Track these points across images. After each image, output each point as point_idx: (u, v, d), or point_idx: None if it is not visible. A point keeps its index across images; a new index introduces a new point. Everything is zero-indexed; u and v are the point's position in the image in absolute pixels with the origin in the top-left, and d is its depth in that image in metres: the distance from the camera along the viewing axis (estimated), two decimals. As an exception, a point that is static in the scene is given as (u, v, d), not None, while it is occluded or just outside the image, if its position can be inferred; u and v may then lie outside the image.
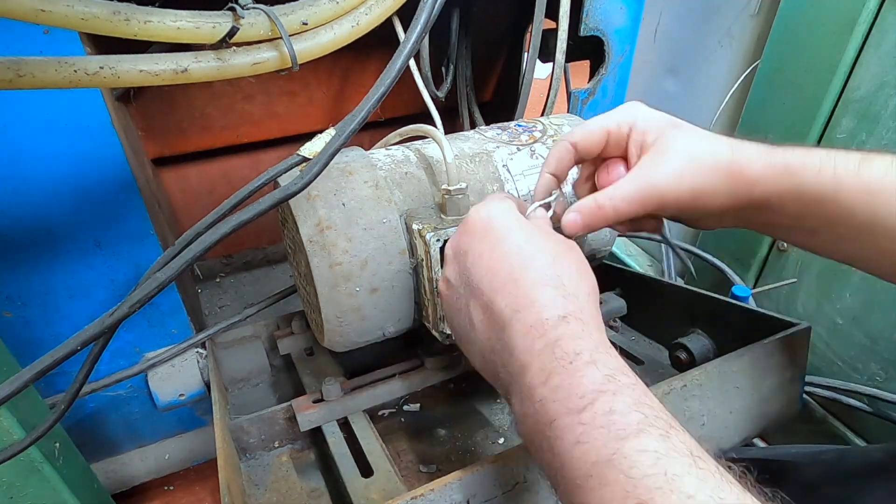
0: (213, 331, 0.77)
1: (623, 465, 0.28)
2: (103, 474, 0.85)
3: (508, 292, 0.38)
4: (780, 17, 0.90)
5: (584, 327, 0.35)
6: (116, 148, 0.64)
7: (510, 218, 0.42)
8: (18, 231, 0.63)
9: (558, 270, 0.38)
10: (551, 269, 0.38)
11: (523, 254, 0.39)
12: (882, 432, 0.85)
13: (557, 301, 0.36)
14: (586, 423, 0.30)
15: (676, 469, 0.28)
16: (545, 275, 0.38)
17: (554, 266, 0.38)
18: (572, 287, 0.38)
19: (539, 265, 0.38)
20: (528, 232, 0.41)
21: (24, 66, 0.44)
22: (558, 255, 0.39)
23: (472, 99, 1.05)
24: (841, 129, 0.84)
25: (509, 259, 0.39)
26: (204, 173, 1.06)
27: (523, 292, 0.37)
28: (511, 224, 0.42)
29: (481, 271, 0.40)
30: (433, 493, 0.45)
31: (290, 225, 0.61)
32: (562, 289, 0.37)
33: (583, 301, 0.37)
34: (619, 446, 0.29)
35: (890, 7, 0.75)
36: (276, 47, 0.53)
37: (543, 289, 0.37)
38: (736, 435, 0.60)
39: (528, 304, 0.37)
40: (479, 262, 0.41)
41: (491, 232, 0.41)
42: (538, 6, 0.80)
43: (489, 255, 0.40)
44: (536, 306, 0.36)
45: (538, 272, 0.38)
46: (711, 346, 0.70)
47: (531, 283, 0.37)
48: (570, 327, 0.35)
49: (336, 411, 0.64)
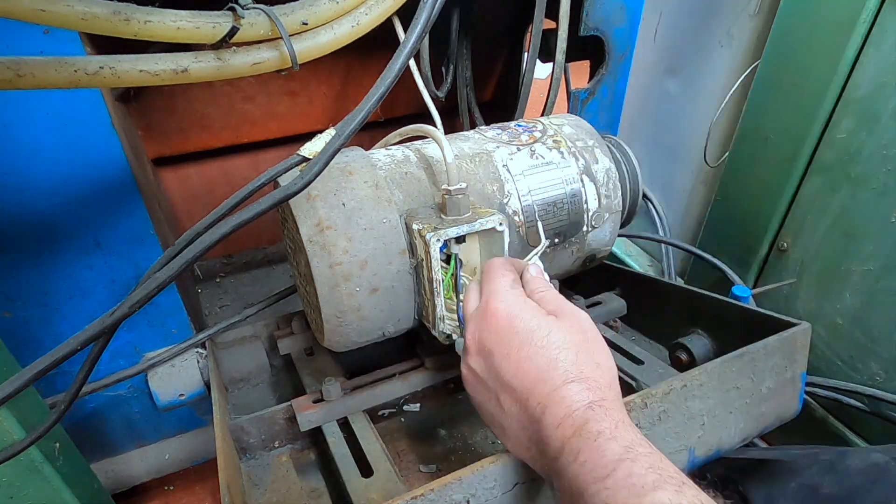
0: (213, 331, 0.77)
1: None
2: (103, 474, 0.85)
3: (539, 392, 0.42)
4: (780, 17, 0.90)
5: (605, 412, 0.40)
6: (116, 148, 0.64)
7: (529, 315, 0.45)
8: (18, 231, 0.63)
9: (581, 366, 0.43)
10: (575, 367, 0.43)
11: (550, 353, 0.43)
12: (882, 432, 0.85)
13: (583, 394, 0.41)
14: (610, 488, 0.35)
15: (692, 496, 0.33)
16: (570, 372, 0.42)
17: (577, 363, 0.43)
18: (594, 378, 0.42)
19: (564, 364, 0.43)
20: (547, 328, 0.45)
21: (24, 66, 0.44)
22: (579, 350, 0.44)
23: (472, 99, 1.05)
24: (841, 129, 0.84)
25: (536, 360, 0.43)
26: (204, 173, 1.06)
27: (552, 391, 0.42)
28: (531, 323, 0.45)
29: (511, 370, 0.44)
30: (433, 493, 0.45)
31: (290, 225, 0.61)
32: (585, 382, 0.42)
33: (604, 389, 0.42)
34: (640, 501, 0.34)
35: (890, 7, 0.75)
36: (276, 47, 0.53)
37: (570, 385, 0.42)
38: (736, 435, 0.60)
39: (559, 401, 0.41)
40: (507, 363, 0.45)
41: (514, 334, 0.45)
42: (538, 6, 0.80)
43: (517, 357, 0.44)
44: (566, 402, 0.41)
45: (564, 370, 0.42)
46: (711, 346, 0.70)
47: (560, 383, 0.42)
48: (594, 413, 0.40)
49: (336, 411, 0.64)
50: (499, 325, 0.46)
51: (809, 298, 0.94)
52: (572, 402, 0.41)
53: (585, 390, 0.41)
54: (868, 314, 0.85)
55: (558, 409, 0.41)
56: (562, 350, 0.43)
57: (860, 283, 0.85)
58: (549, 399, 0.41)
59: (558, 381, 0.42)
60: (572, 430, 0.39)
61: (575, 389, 0.41)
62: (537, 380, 0.43)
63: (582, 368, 0.43)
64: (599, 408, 0.40)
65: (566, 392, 0.41)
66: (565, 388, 0.41)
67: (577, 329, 0.45)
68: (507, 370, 0.44)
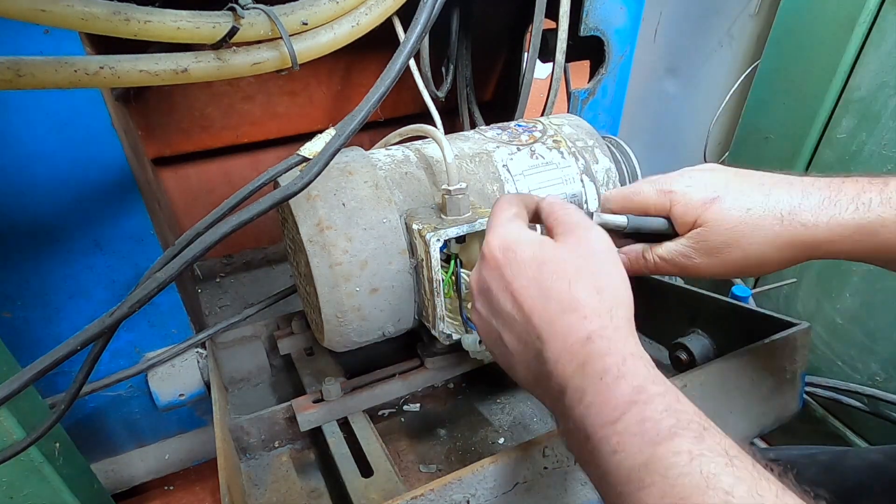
0: (213, 331, 0.77)
1: (659, 467, 0.30)
2: (103, 474, 0.85)
3: (535, 324, 0.39)
4: (780, 17, 0.90)
5: (609, 343, 0.36)
6: (116, 148, 0.64)
7: (525, 245, 0.42)
8: (19, 231, 0.63)
9: (575, 293, 0.39)
10: (568, 294, 0.39)
11: (542, 283, 0.40)
12: (882, 432, 0.85)
13: (578, 324, 0.37)
14: (621, 433, 0.32)
15: (712, 468, 0.29)
16: (563, 301, 0.38)
17: (570, 290, 0.39)
18: (592, 305, 0.38)
19: (556, 294, 0.39)
20: (540, 259, 0.41)
21: (24, 66, 0.44)
22: (573, 277, 0.39)
23: (472, 99, 1.05)
24: (841, 129, 0.84)
25: (530, 292, 0.40)
26: (204, 173, 1.06)
27: (547, 324, 0.38)
28: (526, 252, 0.41)
29: (508, 305, 0.41)
30: (433, 493, 0.45)
31: (290, 225, 0.61)
32: (580, 311, 0.38)
33: (605, 317, 0.38)
34: (654, 450, 0.31)
35: (890, 7, 0.75)
36: (276, 47, 0.53)
37: (563, 316, 0.38)
38: (736, 435, 0.59)
39: (554, 335, 0.38)
40: (504, 297, 0.41)
41: (508, 266, 0.42)
42: (538, 6, 0.80)
43: (513, 290, 0.41)
44: (561, 335, 0.37)
45: (557, 301, 0.39)
46: (711, 346, 0.70)
47: (553, 314, 0.38)
48: (596, 346, 0.36)
49: (336, 411, 0.64)
50: (495, 260, 0.42)
51: (809, 298, 0.94)
52: (567, 333, 0.37)
53: (581, 319, 0.37)
54: (868, 314, 0.85)
55: (554, 343, 0.37)
56: (556, 278, 0.39)
57: (860, 283, 0.85)
58: (546, 332, 0.38)
59: (553, 312, 0.38)
60: (573, 366, 0.36)
61: (569, 321, 0.37)
62: (532, 312, 0.39)
63: (577, 296, 0.38)
64: (600, 338, 0.36)
65: (561, 324, 0.38)
66: (560, 319, 0.38)
67: (579, 252, 0.41)
68: (505, 305, 0.41)
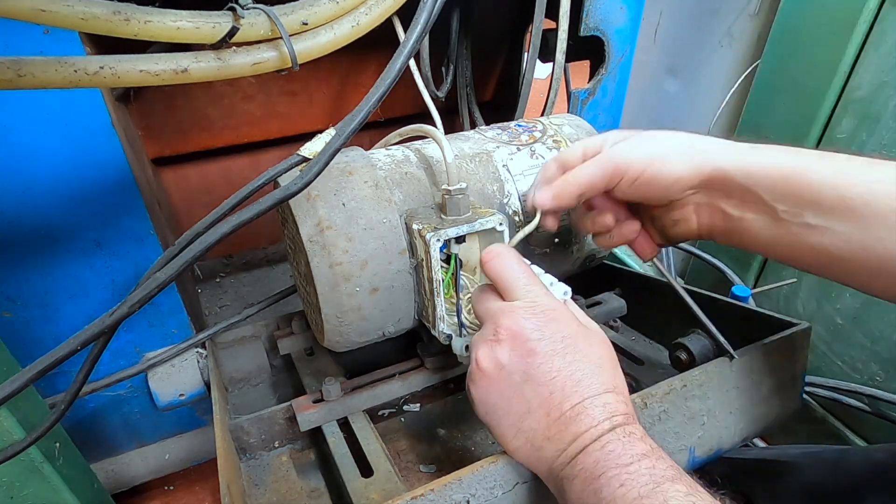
0: (213, 331, 0.77)
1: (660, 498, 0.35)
2: (103, 474, 0.85)
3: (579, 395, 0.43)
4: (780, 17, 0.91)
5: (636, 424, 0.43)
6: (116, 148, 0.64)
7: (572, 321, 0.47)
8: (18, 231, 0.63)
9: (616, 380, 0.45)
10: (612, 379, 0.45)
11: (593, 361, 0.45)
12: (882, 432, 0.85)
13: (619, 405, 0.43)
14: (632, 473, 0.37)
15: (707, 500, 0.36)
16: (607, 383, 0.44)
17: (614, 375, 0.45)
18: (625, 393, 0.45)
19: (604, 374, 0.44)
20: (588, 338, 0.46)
21: (24, 66, 0.44)
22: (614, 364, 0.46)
23: (472, 99, 1.05)
24: (841, 129, 0.85)
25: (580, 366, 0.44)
26: (204, 173, 1.06)
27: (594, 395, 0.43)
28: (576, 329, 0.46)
29: (553, 371, 0.44)
30: (433, 493, 0.45)
31: (290, 225, 0.61)
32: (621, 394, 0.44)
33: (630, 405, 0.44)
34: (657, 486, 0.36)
35: (890, 7, 0.75)
36: (276, 47, 0.53)
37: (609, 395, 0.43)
38: (736, 435, 0.60)
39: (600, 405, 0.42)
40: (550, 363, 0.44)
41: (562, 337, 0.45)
42: (538, 6, 0.80)
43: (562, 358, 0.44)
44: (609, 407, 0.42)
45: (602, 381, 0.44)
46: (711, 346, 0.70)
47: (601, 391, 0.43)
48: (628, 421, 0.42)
49: (336, 411, 0.64)
50: (547, 323, 0.45)
51: (809, 298, 0.94)
52: (614, 408, 0.42)
53: (622, 402, 0.43)
54: (868, 314, 0.85)
55: (597, 411, 0.42)
56: (603, 360, 0.45)
57: (860, 283, 0.85)
58: (590, 403, 0.42)
59: (600, 389, 0.43)
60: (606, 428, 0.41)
61: (613, 399, 0.43)
62: (580, 384, 0.43)
63: (617, 383, 0.45)
64: (633, 418, 0.43)
65: (607, 399, 0.43)
66: (606, 395, 0.43)
67: (606, 343, 0.47)
68: (549, 370, 0.44)
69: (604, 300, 0.81)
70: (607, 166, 0.51)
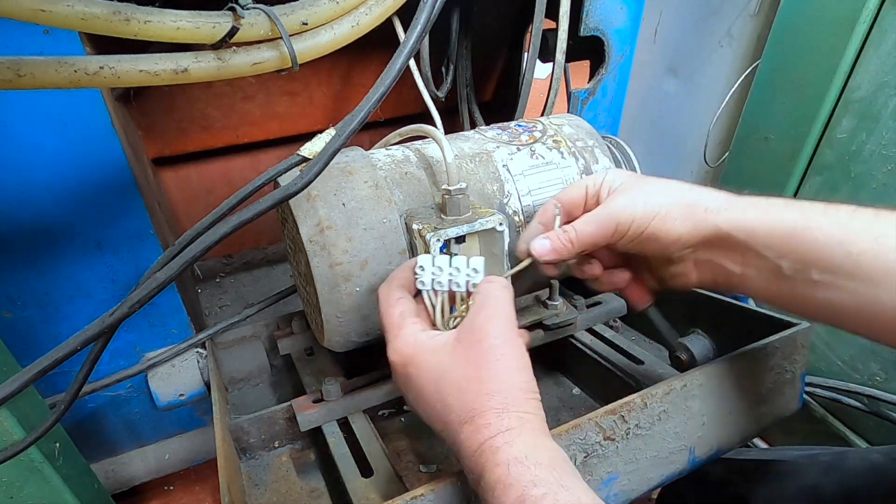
0: (213, 331, 0.77)
1: None
2: (103, 474, 0.85)
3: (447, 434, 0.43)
4: (780, 17, 0.91)
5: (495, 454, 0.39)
6: (116, 148, 0.64)
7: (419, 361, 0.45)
8: (19, 231, 0.63)
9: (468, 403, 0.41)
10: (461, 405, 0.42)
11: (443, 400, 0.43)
12: (882, 433, 0.85)
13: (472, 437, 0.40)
14: None
15: None
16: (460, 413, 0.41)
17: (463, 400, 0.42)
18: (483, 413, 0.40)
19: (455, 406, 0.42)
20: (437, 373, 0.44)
21: (24, 66, 0.44)
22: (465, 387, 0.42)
23: (472, 99, 1.05)
24: (841, 129, 0.85)
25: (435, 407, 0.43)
26: (204, 173, 1.06)
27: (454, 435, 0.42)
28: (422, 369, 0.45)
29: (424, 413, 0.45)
30: (433, 493, 0.45)
31: (290, 225, 0.61)
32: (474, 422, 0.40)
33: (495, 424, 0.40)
34: None
35: (890, 7, 0.75)
36: (276, 47, 0.53)
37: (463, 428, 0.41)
38: (736, 435, 0.60)
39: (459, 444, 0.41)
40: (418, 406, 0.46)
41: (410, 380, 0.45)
42: (538, 6, 0.80)
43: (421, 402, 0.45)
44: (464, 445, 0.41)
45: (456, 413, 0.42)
46: (711, 346, 0.70)
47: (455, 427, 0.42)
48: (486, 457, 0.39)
49: (336, 411, 0.64)
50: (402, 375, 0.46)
51: (809, 298, 0.94)
52: (467, 445, 0.40)
53: (474, 432, 0.40)
54: (868, 314, 0.85)
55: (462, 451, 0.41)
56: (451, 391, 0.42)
57: (860, 283, 0.85)
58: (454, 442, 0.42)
59: (454, 424, 0.41)
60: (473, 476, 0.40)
61: (467, 432, 0.40)
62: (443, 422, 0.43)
63: (471, 406, 0.41)
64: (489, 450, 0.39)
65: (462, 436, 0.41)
66: (461, 431, 0.41)
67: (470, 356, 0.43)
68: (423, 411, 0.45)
69: (604, 300, 0.81)
70: (609, 224, 0.50)
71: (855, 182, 0.83)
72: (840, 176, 0.85)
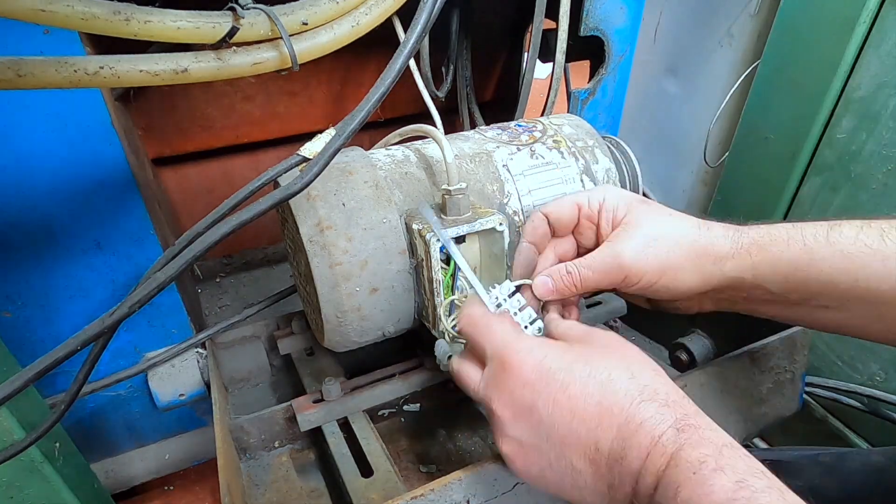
0: (213, 331, 0.77)
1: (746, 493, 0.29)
2: (103, 474, 0.85)
3: (608, 425, 0.36)
4: (780, 17, 0.90)
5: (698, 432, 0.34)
6: (116, 148, 0.64)
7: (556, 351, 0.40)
8: (19, 231, 0.63)
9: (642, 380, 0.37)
10: (636, 383, 0.37)
11: (600, 377, 0.37)
12: (882, 433, 0.85)
13: (661, 412, 0.35)
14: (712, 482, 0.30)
15: None
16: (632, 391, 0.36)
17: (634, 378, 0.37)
18: (663, 391, 0.36)
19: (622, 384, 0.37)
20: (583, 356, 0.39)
21: (24, 66, 0.44)
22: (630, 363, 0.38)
23: (472, 99, 1.05)
24: (841, 129, 0.84)
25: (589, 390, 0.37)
26: (204, 173, 1.06)
27: (624, 420, 0.35)
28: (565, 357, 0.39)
29: (566, 416, 0.37)
30: (433, 493, 0.45)
31: (290, 225, 0.61)
32: (655, 397, 0.36)
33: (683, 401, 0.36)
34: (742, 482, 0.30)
35: (890, 7, 0.75)
36: (276, 47, 0.53)
37: (642, 406, 0.35)
38: (736, 435, 0.60)
39: (637, 427, 0.35)
40: (557, 410, 0.38)
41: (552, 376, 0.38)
42: (538, 6, 0.80)
43: (566, 399, 0.37)
44: (647, 426, 0.35)
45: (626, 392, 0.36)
46: (711, 346, 0.70)
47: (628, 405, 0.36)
48: (686, 435, 0.34)
49: (336, 411, 0.64)
50: (528, 376, 0.39)
51: (809, 298, 0.94)
52: (654, 424, 0.34)
53: (662, 406, 0.35)
54: (868, 314, 0.85)
55: (640, 437, 0.34)
56: (612, 370, 0.37)
57: (860, 283, 0.85)
58: (625, 429, 0.35)
59: (626, 404, 0.36)
60: (664, 459, 0.33)
61: (650, 409, 0.35)
62: (601, 412, 0.36)
63: (645, 382, 0.36)
64: (690, 427, 0.34)
65: (642, 414, 0.35)
66: (638, 409, 0.35)
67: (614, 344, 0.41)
68: (561, 418, 0.37)
69: (604, 300, 0.81)
70: (617, 275, 0.48)
71: (855, 182, 0.83)
72: (840, 176, 0.86)
